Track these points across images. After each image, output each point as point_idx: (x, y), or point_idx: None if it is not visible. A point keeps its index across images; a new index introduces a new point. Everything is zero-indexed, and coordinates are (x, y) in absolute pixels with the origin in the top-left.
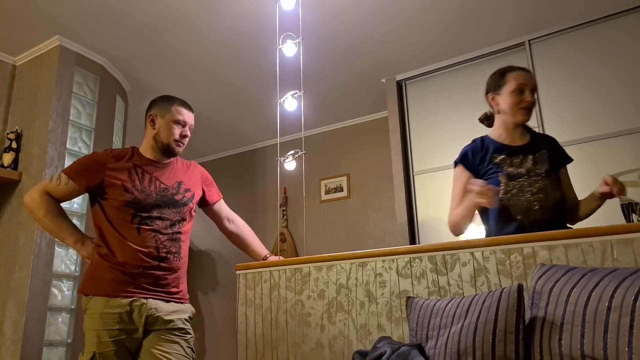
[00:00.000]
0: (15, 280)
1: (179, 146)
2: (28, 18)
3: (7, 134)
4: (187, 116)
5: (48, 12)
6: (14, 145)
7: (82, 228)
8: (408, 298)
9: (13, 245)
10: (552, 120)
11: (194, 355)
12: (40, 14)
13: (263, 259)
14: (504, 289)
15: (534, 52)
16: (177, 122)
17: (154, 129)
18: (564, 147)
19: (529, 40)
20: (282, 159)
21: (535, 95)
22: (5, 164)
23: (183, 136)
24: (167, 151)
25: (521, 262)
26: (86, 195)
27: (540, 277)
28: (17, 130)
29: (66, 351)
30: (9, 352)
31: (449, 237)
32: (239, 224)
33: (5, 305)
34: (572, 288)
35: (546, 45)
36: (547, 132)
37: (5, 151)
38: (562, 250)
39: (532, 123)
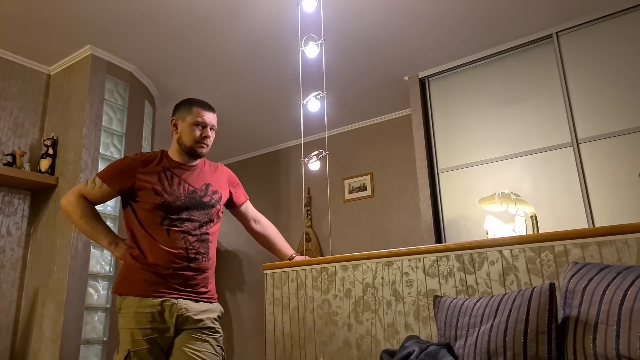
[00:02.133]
0: (53, 281)
1: (202, 147)
2: (60, 29)
3: (44, 140)
4: (208, 117)
5: (79, 23)
6: (50, 151)
7: (115, 230)
8: (435, 297)
9: (51, 247)
10: (583, 114)
11: (223, 353)
12: (71, 25)
13: (289, 259)
14: (534, 288)
15: (562, 45)
16: (197, 124)
17: (177, 132)
18: (594, 142)
19: (556, 32)
20: (306, 159)
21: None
22: (43, 170)
23: (204, 137)
24: (191, 153)
25: (552, 260)
26: (118, 198)
27: (573, 275)
28: (53, 137)
29: (102, 349)
30: (48, 350)
31: (476, 236)
32: (265, 225)
33: (45, 306)
34: (607, 287)
35: (575, 37)
36: (577, 127)
37: (42, 157)
38: (596, 248)
39: (561, 117)
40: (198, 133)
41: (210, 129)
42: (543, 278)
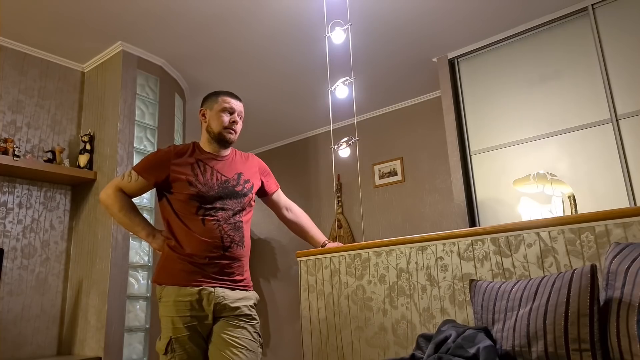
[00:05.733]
0: (96, 272)
1: (231, 134)
2: (92, 27)
3: (81, 136)
4: (235, 104)
5: (109, 20)
6: (88, 147)
7: (151, 221)
8: (471, 281)
9: (93, 240)
10: (622, 89)
11: (260, 339)
12: (102, 22)
13: (322, 246)
14: (575, 269)
15: (598, 17)
16: (224, 110)
17: (206, 122)
18: (634, 117)
19: (592, 5)
20: (336, 146)
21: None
22: (82, 165)
23: (232, 122)
24: (220, 140)
25: (593, 241)
26: (154, 190)
27: (615, 256)
28: (89, 132)
29: (145, 336)
30: (94, 338)
31: (510, 218)
32: (297, 213)
33: (89, 296)
34: None
35: (611, 8)
36: (616, 102)
37: (80, 153)
38: (639, 227)
39: (599, 93)
40: (226, 119)
41: (238, 116)
42: (584, 260)
